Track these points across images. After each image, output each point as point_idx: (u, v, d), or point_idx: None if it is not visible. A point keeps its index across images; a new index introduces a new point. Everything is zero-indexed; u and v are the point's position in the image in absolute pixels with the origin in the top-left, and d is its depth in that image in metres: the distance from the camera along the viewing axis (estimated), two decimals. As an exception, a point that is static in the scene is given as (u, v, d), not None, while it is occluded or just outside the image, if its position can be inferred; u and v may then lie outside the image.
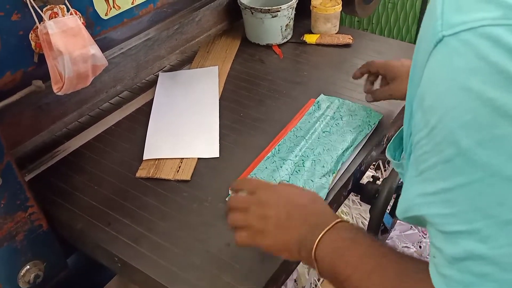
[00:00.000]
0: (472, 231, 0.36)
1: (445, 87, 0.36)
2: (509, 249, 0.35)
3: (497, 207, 0.35)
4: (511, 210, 0.35)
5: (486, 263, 0.36)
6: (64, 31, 0.67)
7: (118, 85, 1.04)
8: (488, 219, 0.35)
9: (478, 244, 0.36)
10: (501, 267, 0.35)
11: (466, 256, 0.37)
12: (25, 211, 0.75)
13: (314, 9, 1.24)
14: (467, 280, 0.37)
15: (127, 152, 0.93)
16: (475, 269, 0.36)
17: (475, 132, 0.35)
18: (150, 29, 1.04)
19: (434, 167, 0.38)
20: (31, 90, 0.66)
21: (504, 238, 0.35)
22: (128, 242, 0.74)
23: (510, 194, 0.34)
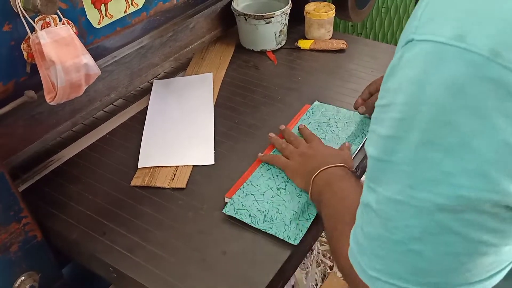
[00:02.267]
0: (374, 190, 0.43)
1: (400, 85, 0.39)
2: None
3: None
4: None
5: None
6: (56, 41, 0.67)
7: (112, 93, 1.03)
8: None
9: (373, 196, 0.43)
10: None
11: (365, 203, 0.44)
12: (19, 222, 0.74)
13: (308, 15, 1.24)
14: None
15: (121, 160, 0.92)
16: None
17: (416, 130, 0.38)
18: (144, 37, 1.04)
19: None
20: (23, 101, 0.66)
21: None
22: (124, 252, 0.74)
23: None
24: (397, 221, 0.39)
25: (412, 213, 0.38)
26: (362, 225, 0.45)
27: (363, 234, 0.44)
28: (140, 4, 0.83)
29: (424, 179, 0.37)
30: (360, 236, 0.45)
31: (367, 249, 0.44)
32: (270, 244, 0.73)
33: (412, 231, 0.38)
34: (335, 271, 1.46)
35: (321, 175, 0.72)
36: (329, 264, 1.47)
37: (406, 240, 0.39)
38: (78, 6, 0.72)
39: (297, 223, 0.74)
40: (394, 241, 0.40)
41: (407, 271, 0.40)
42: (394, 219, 0.39)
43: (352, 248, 0.47)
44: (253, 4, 1.28)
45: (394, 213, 0.39)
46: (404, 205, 0.38)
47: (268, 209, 0.76)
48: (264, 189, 0.80)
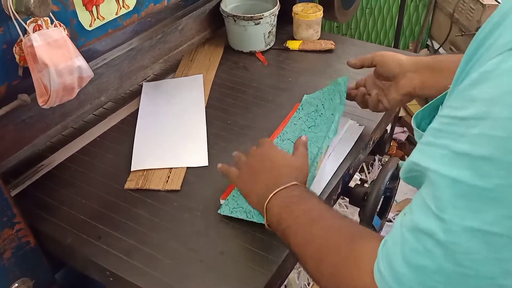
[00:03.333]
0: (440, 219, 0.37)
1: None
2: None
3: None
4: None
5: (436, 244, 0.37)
6: (49, 43, 0.66)
7: (102, 96, 1.02)
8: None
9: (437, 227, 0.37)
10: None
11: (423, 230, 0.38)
12: (12, 228, 0.73)
13: (296, 16, 1.25)
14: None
15: (114, 163, 0.92)
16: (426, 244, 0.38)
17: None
18: (133, 39, 1.03)
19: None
20: (17, 104, 0.65)
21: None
22: (120, 255, 0.73)
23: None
24: (484, 254, 0.34)
25: (509, 245, 0.33)
26: (405, 253, 0.39)
27: (409, 266, 0.38)
28: (132, 6, 0.82)
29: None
30: (402, 268, 0.39)
31: (412, 281, 0.38)
32: (267, 244, 0.73)
33: (505, 265, 0.34)
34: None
35: (273, 202, 0.65)
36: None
37: (494, 274, 0.34)
38: (69, 8, 0.71)
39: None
40: (470, 276, 0.35)
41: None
42: (476, 252, 0.34)
43: (383, 273, 0.41)
44: (241, 6, 1.28)
45: (479, 246, 0.34)
46: (497, 237, 0.34)
47: None
48: None
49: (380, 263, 0.42)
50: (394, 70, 0.82)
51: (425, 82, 0.79)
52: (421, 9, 2.14)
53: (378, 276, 0.42)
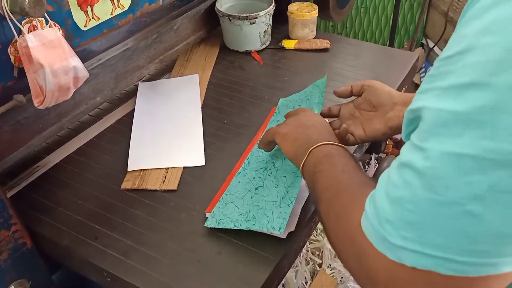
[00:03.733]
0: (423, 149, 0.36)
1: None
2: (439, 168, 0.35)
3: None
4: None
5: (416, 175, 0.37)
6: (44, 44, 0.66)
7: (98, 97, 1.02)
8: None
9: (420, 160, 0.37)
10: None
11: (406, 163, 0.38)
12: (9, 229, 0.73)
13: (291, 15, 1.25)
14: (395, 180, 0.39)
15: (110, 164, 0.91)
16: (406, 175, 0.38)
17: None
18: (128, 39, 1.03)
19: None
20: (12, 105, 0.65)
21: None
22: (117, 255, 0.73)
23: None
24: (454, 178, 0.33)
25: (479, 167, 0.32)
26: (387, 189, 0.39)
27: (388, 199, 0.39)
28: (126, 6, 0.82)
29: (507, 127, 0.32)
30: (383, 202, 0.39)
31: (392, 215, 0.38)
32: (264, 243, 0.73)
33: (475, 188, 0.33)
34: (324, 268, 1.47)
35: (320, 148, 0.65)
36: (318, 261, 1.48)
37: (463, 200, 0.33)
38: (64, 8, 0.71)
39: (279, 212, 0.71)
40: (440, 203, 0.34)
41: (449, 238, 0.34)
42: (448, 177, 0.34)
43: (369, 215, 0.41)
44: (236, 5, 1.28)
45: (451, 169, 0.34)
46: (469, 159, 0.33)
47: (249, 209, 0.74)
48: (243, 194, 0.78)
49: (367, 203, 0.42)
50: (384, 100, 0.79)
51: None
52: (416, 8, 2.14)
53: (363, 215, 0.42)
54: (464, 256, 0.35)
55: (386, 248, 0.38)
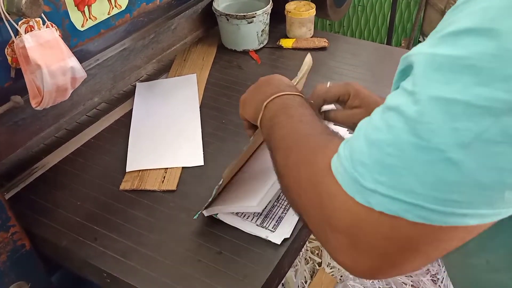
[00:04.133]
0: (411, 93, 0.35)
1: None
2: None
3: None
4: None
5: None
6: (41, 44, 0.65)
7: (96, 97, 1.02)
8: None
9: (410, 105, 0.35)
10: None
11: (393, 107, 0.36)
12: (7, 231, 0.72)
13: (289, 14, 1.25)
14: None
15: (108, 165, 0.91)
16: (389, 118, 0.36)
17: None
18: (126, 39, 1.03)
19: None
20: (10, 107, 0.64)
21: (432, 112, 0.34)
22: (117, 256, 0.73)
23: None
24: (441, 124, 0.32)
25: (469, 114, 0.31)
26: (367, 131, 0.38)
27: (367, 141, 0.37)
28: (124, 6, 0.82)
29: (505, 76, 0.30)
30: (360, 144, 0.38)
31: (368, 158, 0.36)
32: (264, 243, 0.73)
33: (460, 135, 0.32)
34: (324, 267, 1.47)
35: (275, 101, 0.62)
36: (317, 260, 1.48)
37: (446, 146, 0.32)
38: (61, 8, 0.71)
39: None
40: (422, 147, 0.33)
41: (425, 185, 0.33)
42: (435, 122, 0.32)
43: (342, 157, 0.39)
44: (233, 4, 1.28)
45: (439, 114, 0.32)
46: (460, 105, 0.32)
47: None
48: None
49: (341, 147, 0.40)
50: (369, 99, 0.72)
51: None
52: (413, 6, 2.14)
53: (336, 157, 0.40)
54: (436, 204, 0.33)
55: (356, 191, 0.37)
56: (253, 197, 0.74)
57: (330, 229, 0.40)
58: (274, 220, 0.76)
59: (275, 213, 0.77)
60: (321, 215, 0.41)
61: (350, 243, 0.38)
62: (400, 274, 0.42)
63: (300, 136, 0.52)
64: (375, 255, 0.38)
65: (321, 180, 0.41)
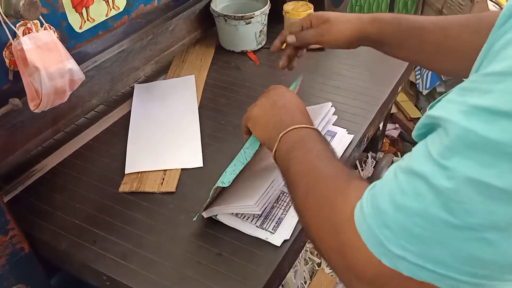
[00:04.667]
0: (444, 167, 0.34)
1: None
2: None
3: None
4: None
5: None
6: (39, 46, 0.65)
7: (94, 99, 1.01)
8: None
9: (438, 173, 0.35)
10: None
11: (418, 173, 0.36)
12: (6, 235, 0.72)
13: (287, 14, 1.25)
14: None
15: (107, 167, 0.91)
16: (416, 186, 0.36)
17: None
18: (124, 41, 1.02)
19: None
20: (8, 109, 0.64)
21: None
22: (116, 259, 0.72)
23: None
24: (477, 205, 0.33)
25: (506, 199, 0.32)
26: (392, 192, 0.37)
27: (393, 204, 0.37)
28: (122, 7, 0.81)
29: None
30: (385, 205, 0.37)
31: (394, 223, 0.36)
32: (265, 244, 0.73)
33: (496, 219, 0.32)
34: (323, 267, 1.47)
35: (290, 133, 0.61)
36: (317, 261, 1.48)
37: (481, 227, 0.33)
38: (59, 10, 0.70)
39: (232, 170, 0.72)
40: (456, 226, 0.33)
41: (457, 259, 0.34)
42: (470, 203, 0.33)
43: (366, 213, 0.39)
44: (231, 5, 1.28)
45: (475, 196, 0.33)
46: (496, 190, 0.32)
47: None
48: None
49: (364, 200, 0.40)
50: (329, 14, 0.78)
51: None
52: (410, 6, 2.15)
53: (359, 211, 0.40)
54: (467, 276, 0.34)
55: (382, 254, 0.37)
56: (251, 197, 0.74)
57: (355, 277, 0.41)
58: (273, 222, 0.76)
59: (275, 214, 0.77)
60: (344, 262, 0.42)
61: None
62: None
63: (319, 175, 0.52)
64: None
65: (343, 230, 0.41)
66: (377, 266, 0.38)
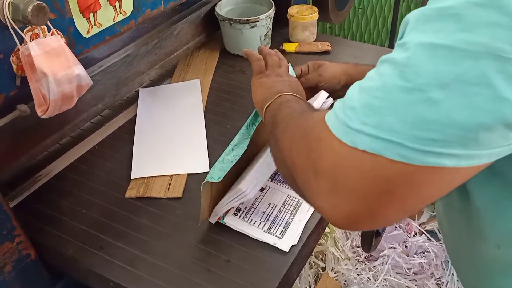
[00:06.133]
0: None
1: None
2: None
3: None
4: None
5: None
6: (47, 52, 0.65)
7: (99, 104, 1.01)
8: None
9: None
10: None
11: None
12: (13, 241, 0.72)
13: (292, 18, 1.24)
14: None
15: (113, 172, 0.90)
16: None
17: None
18: (129, 45, 1.02)
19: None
20: (16, 116, 0.63)
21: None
22: (123, 265, 0.72)
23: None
24: (426, 66, 0.35)
25: (451, 57, 0.34)
26: (360, 82, 0.41)
27: (359, 89, 0.40)
28: (129, 12, 0.81)
29: (486, 22, 0.34)
30: (352, 92, 0.41)
31: (358, 102, 0.39)
32: (273, 250, 0.72)
33: (442, 76, 0.35)
34: (328, 272, 1.47)
35: (286, 96, 0.68)
36: (321, 265, 1.47)
37: (428, 86, 0.35)
38: (66, 15, 0.70)
39: (221, 166, 0.73)
40: (406, 88, 0.36)
41: (406, 123, 0.36)
42: (420, 65, 0.35)
43: (335, 107, 0.42)
44: (236, 9, 1.27)
45: (425, 58, 0.35)
46: (444, 49, 0.35)
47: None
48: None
49: (337, 102, 0.43)
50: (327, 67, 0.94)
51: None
52: (413, 9, 2.15)
53: (330, 111, 0.43)
54: (414, 142, 0.36)
55: (343, 132, 0.39)
56: (240, 184, 0.74)
57: (313, 173, 0.42)
58: (281, 226, 0.75)
59: (282, 218, 0.77)
60: (307, 161, 0.43)
61: (331, 186, 0.40)
62: (375, 223, 0.45)
63: (300, 113, 0.56)
64: (354, 198, 0.39)
65: (313, 129, 0.44)
66: (336, 149, 0.40)
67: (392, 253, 1.56)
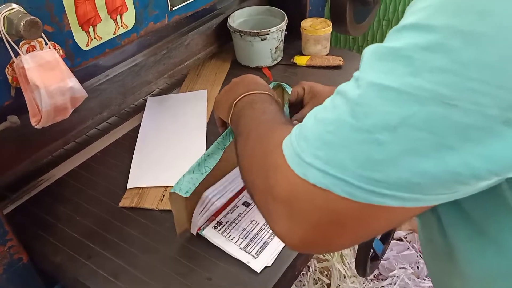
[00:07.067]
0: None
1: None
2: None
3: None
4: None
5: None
6: (40, 65, 0.66)
7: (105, 112, 1.03)
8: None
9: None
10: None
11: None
12: (4, 245, 0.74)
13: (304, 31, 1.23)
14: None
15: (112, 180, 0.92)
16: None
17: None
18: (137, 55, 1.03)
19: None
20: (6, 126, 0.65)
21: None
22: (107, 276, 0.73)
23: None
24: (374, 107, 0.36)
25: (399, 100, 0.34)
26: (317, 111, 0.41)
27: (315, 119, 0.40)
28: (130, 25, 0.82)
29: (432, 67, 0.33)
30: (309, 121, 0.41)
31: (311, 133, 0.39)
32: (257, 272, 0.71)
33: (389, 119, 0.35)
34: (333, 288, 1.44)
35: (243, 99, 0.67)
36: (326, 281, 1.45)
37: (374, 128, 0.35)
38: (65, 29, 0.72)
39: (190, 177, 0.72)
40: (356, 128, 0.36)
41: (355, 161, 0.36)
42: (370, 105, 0.36)
43: (292, 133, 0.42)
44: (249, 20, 1.27)
45: (374, 99, 0.36)
46: (392, 91, 0.35)
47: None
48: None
49: (295, 127, 0.43)
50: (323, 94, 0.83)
51: None
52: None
53: (288, 137, 0.43)
54: (360, 181, 0.36)
55: (296, 164, 0.40)
56: (205, 191, 0.75)
57: (271, 198, 0.42)
58: (258, 245, 0.75)
59: (261, 237, 0.76)
60: (265, 186, 0.44)
61: (287, 213, 0.41)
62: (330, 249, 0.48)
63: (261, 122, 0.57)
64: (308, 226, 0.40)
65: (271, 154, 0.44)
66: (291, 180, 0.40)
67: (402, 274, 1.52)
